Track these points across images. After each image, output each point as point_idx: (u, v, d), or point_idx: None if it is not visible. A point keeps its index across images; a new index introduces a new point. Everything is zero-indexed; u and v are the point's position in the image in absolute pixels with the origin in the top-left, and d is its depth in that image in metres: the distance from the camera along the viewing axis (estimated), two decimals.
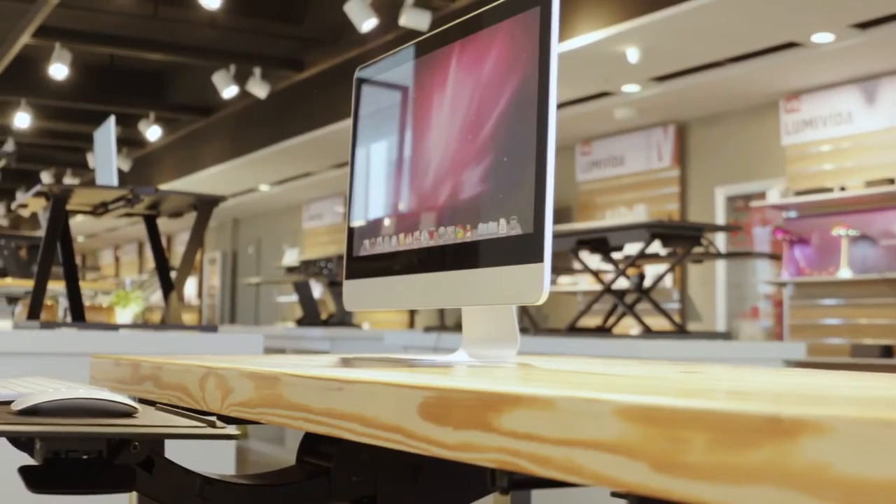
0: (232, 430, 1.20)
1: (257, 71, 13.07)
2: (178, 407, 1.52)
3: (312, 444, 1.54)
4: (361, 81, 1.92)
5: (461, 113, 1.59)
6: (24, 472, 1.23)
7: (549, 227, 1.39)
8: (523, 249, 1.41)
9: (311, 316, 9.17)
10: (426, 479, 1.52)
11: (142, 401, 1.68)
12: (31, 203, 4.44)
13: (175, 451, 1.43)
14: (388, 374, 1.11)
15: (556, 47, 1.42)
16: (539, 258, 1.38)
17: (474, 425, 0.84)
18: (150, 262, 24.33)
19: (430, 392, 0.89)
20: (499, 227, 1.46)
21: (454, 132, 1.60)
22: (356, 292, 1.82)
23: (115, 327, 4.33)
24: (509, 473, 1.00)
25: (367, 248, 1.80)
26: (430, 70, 1.70)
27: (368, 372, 1.15)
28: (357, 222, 1.85)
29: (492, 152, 1.50)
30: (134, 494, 1.66)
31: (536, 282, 1.39)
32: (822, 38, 8.44)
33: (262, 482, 1.49)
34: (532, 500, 1.81)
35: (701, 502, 0.65)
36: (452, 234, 1.56)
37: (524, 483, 0.98)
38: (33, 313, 4.12)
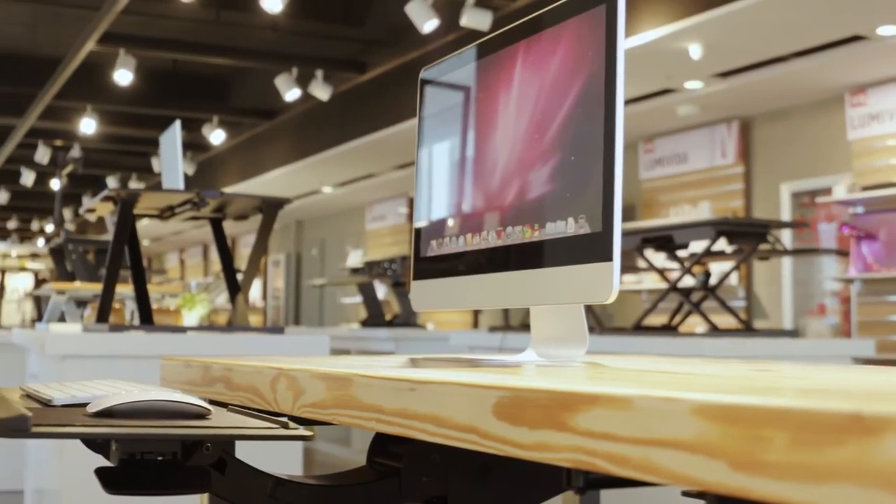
0: (304, 430, 1.21)
1: (319, 73, 13.12)
2: (249, 408, 1.53)
3: (383, 444, 1.54)
4: (426, 82, 1.92)
5: (527, 112, 1.59)
6: (101, 473, 1.24)
7: (618, 226, 1.38)
8: (592, 248, 1.40)
9: (375, 317, 9.20)
10: (496, 479, 1.51)
11: (212, 402, 1.69)
12: (98, 207, 4.49)
13: (243, 453, 1.44)
14: (461, 374, 1.11)
15: (623, 45, 1.42)
16: (608, 257, 1.38)
17: (550, 425, 0.83)
18: (215, 265, 24.53)
19: (504, 392, 0.89)
20: (567, 226, 1.46)
21: (521, 131, 1.59)
22: (424, 293, 1.82)
23: (183, 330, 4.37)
24: (585, 473, 1.00)
25: (434, 248, 1.80)
26: (495, 70, 1.70)
27: (441, 372, 1.15)
28: (424, 223, 1.85)
29: (559, 151, 1.50)
30: (205, 495, 1.67)
31: (606, 281, 1.38)
32: (888, 30, 8.34)
33: (333, 482, 1.50)
34: (602, 500, 1.80)
35: (782, 501, 0.64)
36: (520, 234, 1.56)
37: (600, 483, 0.98)
38: (102, 316, 4.16)
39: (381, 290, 12.14)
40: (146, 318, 4.40)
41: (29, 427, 1.08)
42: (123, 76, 12.73)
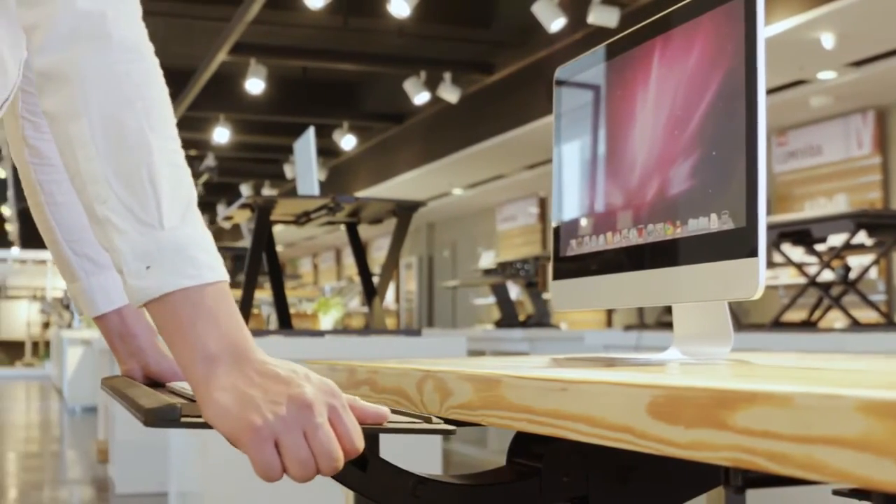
0: (447, 425, 1.22)
1: (447, 76, 13.17)
2: (395, 410, 1.54)
3: (524, 444, 1.53)
4: (561, 81, 1.92)
5: (666, 108, 1.57)
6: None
7: (762, 221, 1.36)
8: (736, 244, 1.39)
9: (509, 317, 9.20)
10: (638, 479, 1.50)
11: None
12: (236, 215, 4.56)
13: (384, 451, 1.45)
14: (613, 373, 1.10)
15: (763, 37, 1.40)
16: (753, 252, 1.36)
17: (707, 423, 0.83)
18: (348, 269, 24.71)
19: (659, 391, 0.89)
20: (710, 222, 1.44)
21: (659, 128, 1.58)
22: (565, 292, 1.81)
23: (321, 333, 4.42)
24: (743, 472, 0.99)
25: (573, 247, 1.79)
26: (630, 66, 1.69)
27: (592, 372, 1.15)
28: (562, 222, 1.84)
29: (699, 147, 1.48)
30: (350, 494, 1.69)
31: (751, 276, 1.36)
32: None
33: (474, 482, 1.49)
34: (747, 499, 1.78)
35: None
36: (662, 231, 1.55)
37: (759, 481, 0.97)
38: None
39: (514, 291, 12.15)
40: (285, 322, 4.45)
41: (178, 416, 1.11)
42: (255, 85, 12.93)
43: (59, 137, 1.18)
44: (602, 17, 9.82)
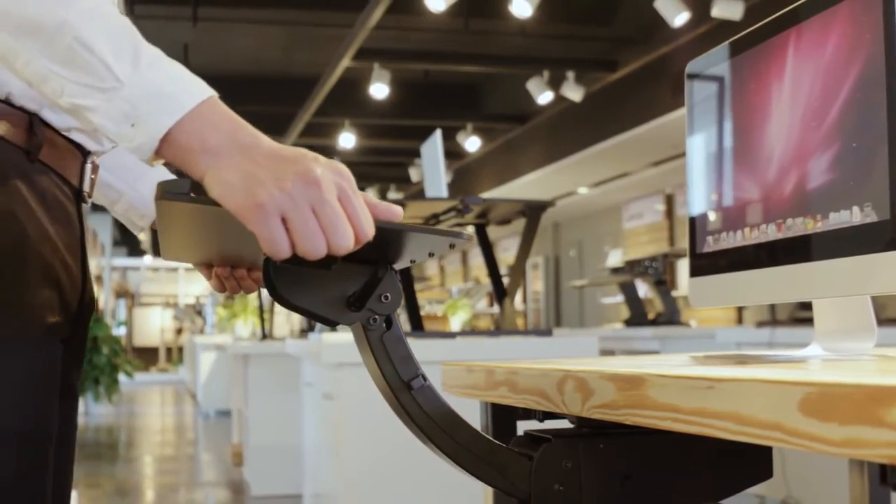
0: (460, 230, 1.27)
1: (570, 75, 13.13)
2: (535, 411, 1.54)
3: (525, 442, 1.51)
4: (692, 75, 1.90)
5: (802, 100, 1.55)
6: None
7: None
8: (880, 237, 1.36)
9: (638, 316, 9.14)
10: (634, 490, 1.46)
11: (494, 406, 1.71)
12: None
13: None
14: (760, 370, 1.09)
15: None
16: None
17: (862, 420, 0.81)
18: (474, 271, 24.73)
19: (810, 388, 0.87)
20: (851, 216, 1.42)
21: (796, 120, 1.56)
22: (702, 289, 1.79)
23: (452, 335, 4.43)
24: None
25: (710, 244, 1.78)
26: (763, 59, 1.67)
27: (739, 369, 1.13)
28: (698, 218, 1.83)
29: (839, 139, 1.46)
30: (490, 491, 1.68)
31: None
32: None
33: (467, 423, 1.45)
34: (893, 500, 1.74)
35: None
36: (802, 226, 1.52)
37: None
38: None
39: (642, 289, 12.07)
40: (416, 324, 4.47)
41: (188, 190, 1.17)
42: (379, 90, 13.02)
43: None
44: (727, 10, 9.70)
